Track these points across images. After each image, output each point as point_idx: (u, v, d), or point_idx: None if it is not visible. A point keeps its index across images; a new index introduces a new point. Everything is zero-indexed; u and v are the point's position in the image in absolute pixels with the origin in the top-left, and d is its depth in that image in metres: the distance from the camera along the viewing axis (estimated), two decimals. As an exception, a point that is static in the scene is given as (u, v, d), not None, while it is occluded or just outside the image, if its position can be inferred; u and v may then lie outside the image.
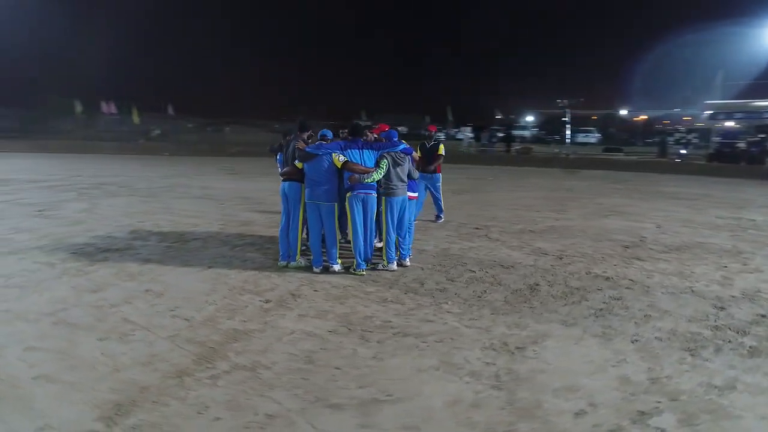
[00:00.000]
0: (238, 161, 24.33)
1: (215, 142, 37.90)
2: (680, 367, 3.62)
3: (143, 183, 14.67)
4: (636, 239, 7.78)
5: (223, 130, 45.14)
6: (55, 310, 4.57)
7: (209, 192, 12.83)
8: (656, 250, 7.08)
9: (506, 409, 3.07)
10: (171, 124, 46.16)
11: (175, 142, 34.54)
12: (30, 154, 26.02)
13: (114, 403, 3.06)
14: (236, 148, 29.48)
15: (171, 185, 14.22)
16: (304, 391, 3.24)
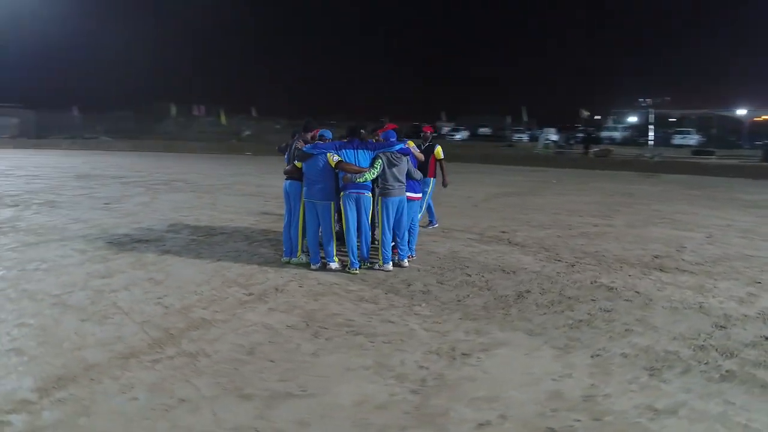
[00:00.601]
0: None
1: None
2: (628, 386, 3.36)
3: (209, 180, 15.64)
4: (672, 249, 7.20)
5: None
6: (62, 292, 5.06)
7: (263, 189, 13.44)
8: (688, 262, 6.51)
9: (410, 414, 3.02)
10: (261, 126, 48.61)
11: (262, 142, 36.34)
12: (129, 153, 28.60)
13: (57, 378, 3.37)
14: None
15: (232, 183, 15.06)
16: (227, 380, 3.38)
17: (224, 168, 20.35)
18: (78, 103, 44.16)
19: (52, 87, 48.01)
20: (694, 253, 6.97)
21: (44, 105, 41.80)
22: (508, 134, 46.08)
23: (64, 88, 48.76)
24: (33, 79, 49.03)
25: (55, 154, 27.96)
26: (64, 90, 48.60)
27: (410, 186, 6.19)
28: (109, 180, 15.35)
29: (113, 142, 40.09)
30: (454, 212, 10.14)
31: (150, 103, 50.34)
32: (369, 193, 5.80)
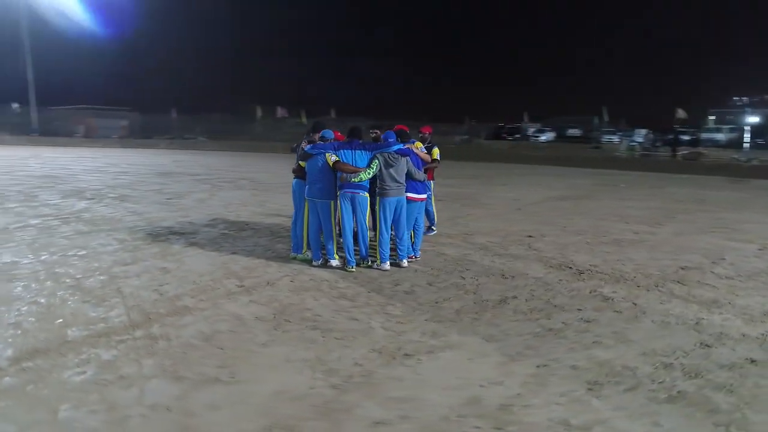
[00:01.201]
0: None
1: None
2: (555, 399, 3.23)
3: (274, 179, 16.37)
4: (708, 261, 6.63)
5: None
6: (83, 276, 5.64)
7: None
8: (716, 275, 5.99)
9: (316, 407, 3.11)
10: (340, 126, 49.73)
11: None
12: (219, 153, 30.57)
13: (34, 350, 3.82)
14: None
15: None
16: (171, 363, 3.65)
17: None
18: (180, 105, 47.77)
19: (158, 91, 52.24)
20: (732, 266, 6.37)
21: (151, 108, 45.64)
22: (598, 135, 43.81)
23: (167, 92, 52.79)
24: (142, 83, 53.71)
25: (152, 153, 30.51)
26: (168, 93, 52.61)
27: (412, 187, 6.21)
28: (185, 177, 16.57)
29: (208, 142, 42.91)
30: (489, 215, 9.93)
31: (245, 104, 53.19)
32: (365, 193, 5.89)
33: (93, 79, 52.34)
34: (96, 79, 52.50)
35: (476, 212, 10.24)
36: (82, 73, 53.59)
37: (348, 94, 59.74)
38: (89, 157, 25.60)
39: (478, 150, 32.64)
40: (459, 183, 15.40)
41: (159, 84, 54.84)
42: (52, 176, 16.12)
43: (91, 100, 44.10)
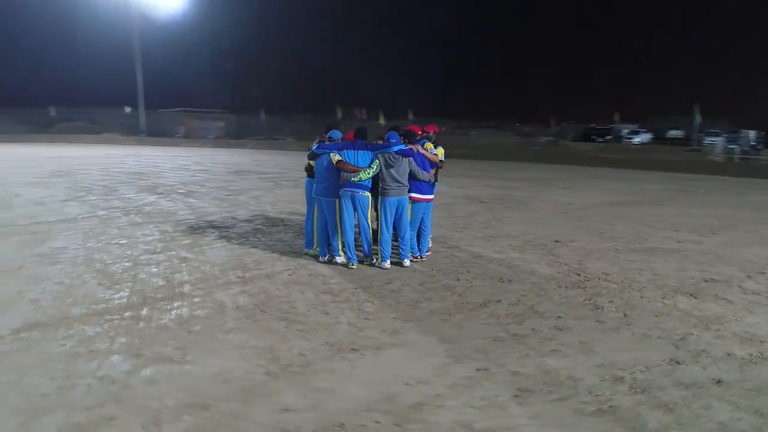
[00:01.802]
0: (460, 163, 25.18)
1: (458, 144, 39.78)
2: (474, 402, 3.21)
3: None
4: (744, 274, 6.08)
5: (470, 134, 46.84)
6: (112, 262, 6.26)
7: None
8: (744, 290, 5.50)
9: (242, 390, 3.32)
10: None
11: None
12: (299, 153, 31.90)
13: (35, 323, 4.35)
14: (461, 150, 30.62)
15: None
16: (139, 342, 4.01)
17: None
18: (271, 107, 50.33)
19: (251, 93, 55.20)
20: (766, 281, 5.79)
21: (245, 110, 48.50)
22: (700, 137, 40.46)
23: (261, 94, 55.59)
24: (238, 87, 57.06)
25: (238, 153, 32.48)
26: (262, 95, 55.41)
27: (417, 187, 6.25)
28: (253, 175, 17.54)
29: (295, 142, 44.79)
30: (528, 219, 9.65)
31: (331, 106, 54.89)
32: (365, 192, 6.02)
33: (197, 84, 56.36)
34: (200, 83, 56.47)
35: (516, 215, 9.99)
36: (187, 78, 57.92)
37: (429, 94, 59.51)
38: (181, 155, 27.75)
39: (561, 152, 31.43)
40: (516, 185, 15.02)
41: (254, 87, 57.93)
42: (140, 173, 17.72)
43: (194, 103, 47.64)
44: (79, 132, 43.75)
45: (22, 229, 8.08)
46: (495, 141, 40.52)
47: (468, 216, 9.84)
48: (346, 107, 47.46)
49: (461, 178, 17.21)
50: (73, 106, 52.75)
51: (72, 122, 50.14)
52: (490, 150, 31.33)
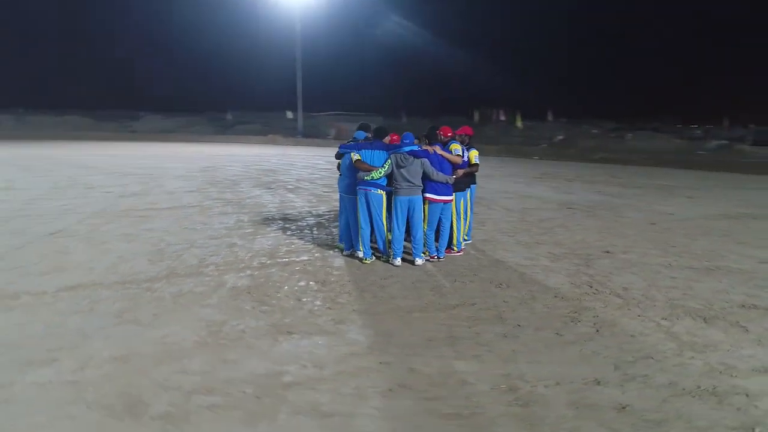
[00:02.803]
0: (594, 168, 23.67)
1: (611, 149, 36.99)
2: (345, 389, 3.38)
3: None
4: (804, 303, 5.12)
5: (624, 137, 43.12)
6: (174, 243, 7.33)
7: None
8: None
9: (163, 350, 3.88)
10: (577, 130, 47.27)
11: (576, 147, 35.51)
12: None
13: (76, 284, 5.41)
14: (600, 155, 28.45)
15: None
16: (129, 306, 4.79)
17: (492, 170, 21.23)
18: (414, 109, 51.65)
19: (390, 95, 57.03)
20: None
21: (391, 112, 50.48)
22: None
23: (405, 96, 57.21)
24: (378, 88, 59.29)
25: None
26: (407, 97, 57.00)
27: (431, 187, 6.32)
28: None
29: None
30: (600, 227, 8.94)
31: (470, 108, 54.52)
32: (378, 190, 6.25)
33: (351, 88, 60.06)
34: (353, 87, 60.12)
35: (590, 224, 9.31)
36: (342, 82, 61.98)
37: (575, 94, 55.67)
38: (321, 155, 29.91)
39: (734, 157, 27.47)
40: (629, 192, 13.76)
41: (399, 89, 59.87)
42: (272, 170, 19.68)
43: (348, 106, 50.89)
44: (249, 133, 49.41)
45: (136, 212, 9.73)
46: (653, 145, 36.76)
47: (537, 221, 9.43)
48: (484, 109, 46.83)
49: (579, 183, 16.21)
50: (249, 110, 59.60)
51: (247, 125, 56.65)
52: (642, 155, 28.57)
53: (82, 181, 14.65)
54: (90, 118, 55.11)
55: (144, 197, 11.79)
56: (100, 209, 10.04)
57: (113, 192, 12.58)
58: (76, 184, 13.78)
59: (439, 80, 62.60)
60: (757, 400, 3.24)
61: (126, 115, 57.18)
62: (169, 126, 57.32)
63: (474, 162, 6.98)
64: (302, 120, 46.35)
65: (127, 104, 58.82)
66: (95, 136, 45.90)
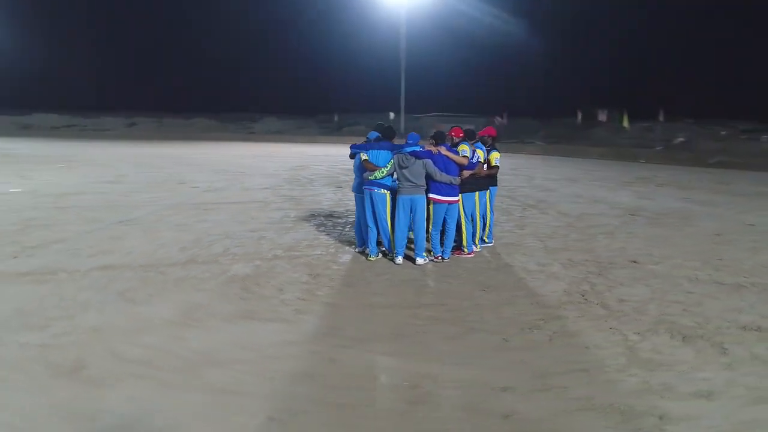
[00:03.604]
0: (705, 173, 21.57)
1: (735, 152, 33.29)
2: (241, 367, 3.64)
3: (517, 181, 16.57)
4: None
5: (760, 139, 38.44)
6: (212, 233, 8.04)
7: (541, 197, 13.63)
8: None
9: (132, 326, 4.40)
10: (697, 131, 43.18)
11: (694, 150, 32.57)
12: (543, 157, 31.52)
13: (108, 265, 6.21)
14: (718, 158, 25.65)
15: (529, 185, 15.60)
16: (134, 284, 5.42)
17: (583, 173, 20.24)
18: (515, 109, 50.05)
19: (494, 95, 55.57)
20: None
21: (486, 112, 49.42)
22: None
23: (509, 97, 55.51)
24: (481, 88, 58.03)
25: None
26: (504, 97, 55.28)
27: (435, 188, 6.35)
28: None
29: (545, 146, 43.84)
30: (651, 236, 8.27)
31: (586, 108, 51.72)
32: (381, 189, 6.40)
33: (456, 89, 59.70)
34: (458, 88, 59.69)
35: (643, 231, 8.65)
36: (447, 84, 61.77)
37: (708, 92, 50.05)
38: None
39: None
40: (719, 200, 12.44)
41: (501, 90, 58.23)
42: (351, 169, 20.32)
43: (452, 107, 50.81)
44: (354, 135, 51.16)
45: (205, 205, 10.69)
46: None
47: (584, 227, 8.95)
48: (590, 109, 44.20)
49: (670, 188, 14.95)
50: (357, 112, 61.66)
51: (353, 126, 58.70)
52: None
53: (179, 177, 16.29)
54: (216, 121, 60.35)
55: (222, 192, 12.88)
56: (177, 202, 11.17)
57: (199, 187, 13.86)
58: (171, 180, 15.36)
59: (543, 79, 60.03)
60: (668, 425, 2.98)
61: (247, 117, 61.70)
62: (282, 127, 61.11)
63: (494, 164, 6.91)
64: (404, 121, 47.03)
65: (248, 107, 63.55)
66: (217, 137, 50.27)
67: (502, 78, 60.39)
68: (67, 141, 40.64)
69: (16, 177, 15.62)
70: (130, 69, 73.87)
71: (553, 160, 28.89)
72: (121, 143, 39.16)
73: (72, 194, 12.01)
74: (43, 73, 64.38)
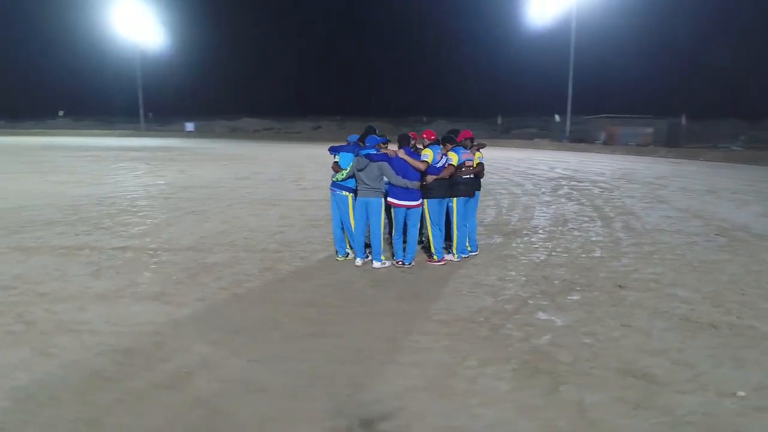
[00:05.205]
0: None
1: None
2: (194, 360, 4.23)
3: (643, 190, 14.72)
4: None
5: None
6: (250, 226, 8.92)
7: (635, 208, 12.09)
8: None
9: (98, 303, 5.33)
10: None
11: None
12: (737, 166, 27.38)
13: (124, 247, 7.44)
14: None
15: (646, 195, 13.81)
16: (138, 267, 6.45)
17: (745, 185, 17.14)
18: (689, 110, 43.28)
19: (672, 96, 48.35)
20: None
21: (664, 114, 43.51)
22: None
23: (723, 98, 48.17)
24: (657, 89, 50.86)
25: (635, 160, 30.17)
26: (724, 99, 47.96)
27: (392, 191, 6.30)
28: (571, 184, 17.14)
29: (742, 152, 37.62)
30: (707, 262, 6.92)
31: None
32: (343, 192, 6.52)
33: (629, 89, 53.83)
34: (631, 88, 53.72)
35: (700, 256, 7.26)
36: (620, 84, 55.99)
37: None
38: (562, 160, 28.39)
39: None
40: None
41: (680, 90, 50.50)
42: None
43: (625, 109, 46.18)
44: (522, 138, 49.65)
45: (283, 201, 11.78)
46: None
47: (629, 244, 7.82)
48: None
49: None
50: (527, 114, 59.65)
51: (522, 129, 56.96)
52: None
53: (298, 176, 17.90)
54: (389, 123, 63.66)
55: (313, 191, 13.89)
56: (265, 197, 12.49)
57: (301, 185, 15.17)
58: (285, 179, 16.95)
59: (729, 78, 50.75)
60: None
61: (417, 120, 63.89)
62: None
63: (479, 162, 6.93)
64: (570, 123, 44.17)
65: (420, 110, 65.77)
66: (385, 138, 52.90)
67: (686, 76, 52.77)
68: (259, 142, 46.87)
69: (177, 172, 18.80)
70: (318, 78, 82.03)
71: (738, 168, 24.63)
72: (301, 144, 43.79)
73: (195, 187, 14.18)
74: (249, 82, 75.07)
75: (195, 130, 59.26)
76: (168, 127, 62.31)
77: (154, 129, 60.39)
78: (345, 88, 76.20)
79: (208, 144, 41.67)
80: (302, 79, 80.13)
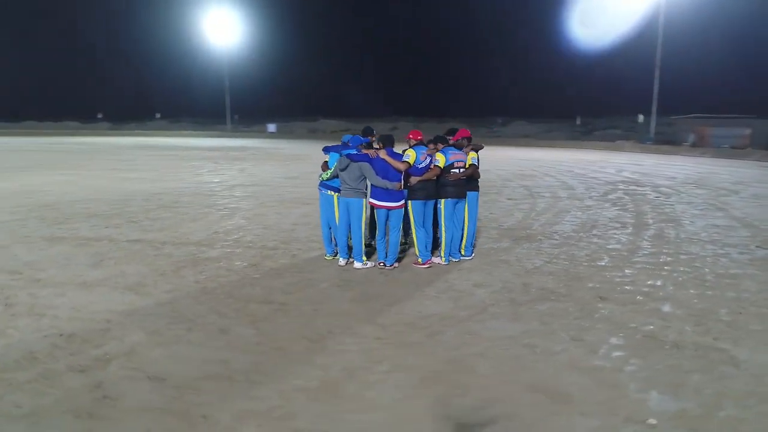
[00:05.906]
0: None
1: None
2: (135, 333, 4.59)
3: (719, 195, 13.59)
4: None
5: None
6: (267, 224, 9.24)
7: (679, 215, 11.16)
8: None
9: (78, 291, 5.80)
10: None
11: None
12: None
13: (137, 239, 7.96)
14: None
15: (711, 203, 12.69)
16: (136, 257, 6.94)
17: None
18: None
19: None
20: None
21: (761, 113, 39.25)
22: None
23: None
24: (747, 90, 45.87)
25: (727, 164, 27.70)
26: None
27: (373, 192, 6.28)
28: (647, 189, 16.13)
29: None
30: (719, 279, 6.29)
31: None
32: (329, 191, 6.59)
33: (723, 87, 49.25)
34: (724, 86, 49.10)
35: (721, 270, 6.59)
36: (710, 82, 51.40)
37: None
38: (639, 163, 26.64)
39: None
40: None
41: None
42: (530, 175, 19.29)
43: (716, 108, 42.40)
44: (605, 139, 47.13)
45: (314, 200, 12.05)
46: None
47: (646, 254, 7.26)
48: None
49: None
50: (610, 115, 56.59)
51: (605, 130, 54.10)
52: None
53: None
54: (466, 124, 62.79)
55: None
56: (300, 197, 12.83)
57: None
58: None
59: None
60: None
61: (492, 122, 62.59)
62: (531, 131, 60.02)
63: (472, 163, 6.70)
64: (655, 124, 41.32)
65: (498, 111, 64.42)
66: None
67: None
68: (332, 142, 47.75)
69: (237, 171, 19.72)
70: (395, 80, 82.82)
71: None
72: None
73: (243, 185, 14.87)
74: (326, 86, 77.27)
75: (276, 131, 61.69)
76: (252, 128, 65.35)
77: (240, 130, 63.58)
78: (423, 90, 76.58)
79: (284, 144, 43.27)
80: (380, 81, 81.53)
